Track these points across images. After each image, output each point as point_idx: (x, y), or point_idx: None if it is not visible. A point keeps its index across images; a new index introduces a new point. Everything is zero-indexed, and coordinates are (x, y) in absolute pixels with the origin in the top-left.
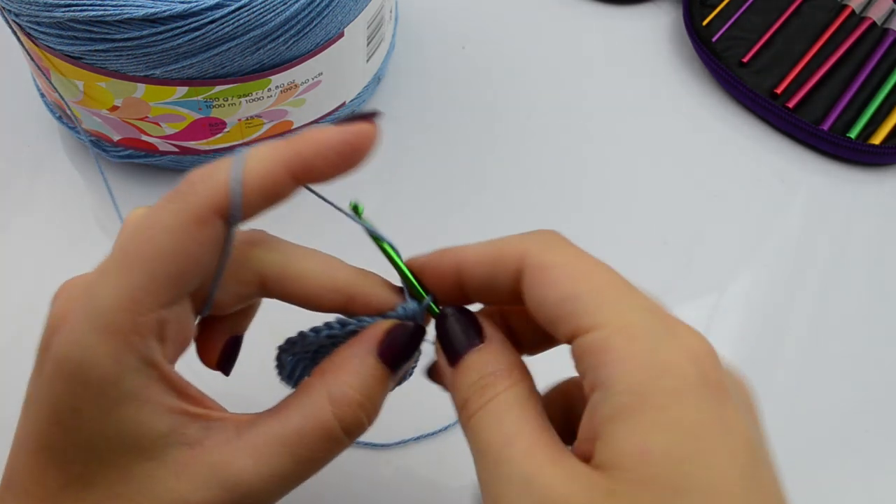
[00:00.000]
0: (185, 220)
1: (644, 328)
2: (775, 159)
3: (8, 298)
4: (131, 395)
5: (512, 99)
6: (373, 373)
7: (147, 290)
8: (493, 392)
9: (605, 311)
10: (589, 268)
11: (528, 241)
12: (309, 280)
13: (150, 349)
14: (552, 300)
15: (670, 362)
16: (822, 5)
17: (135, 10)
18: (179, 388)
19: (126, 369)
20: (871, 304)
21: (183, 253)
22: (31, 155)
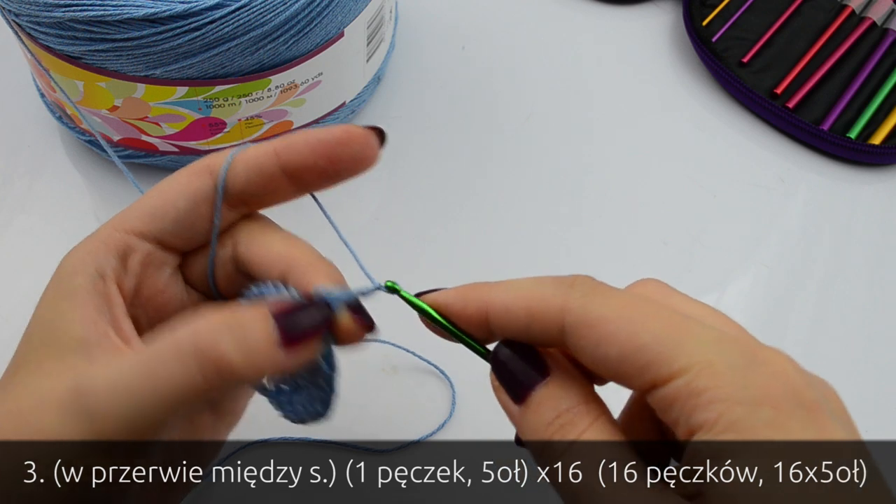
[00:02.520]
0: (183, 172)
1: (726, 363)
2: (775, 159)
3: (8, 298)
4: (72, 293)
5: (512, 99)
6: (258, 322)
7: (130, 214)
8: (576, 431)
9: (678, 357)
10: (641, 312)
11: (565, 291)
12: (266, 248)
13: (107, 262)
14: (615, 357)
15: (763, 392)
16: (822, 5)
17: (135, 10)
18: (115, 313)
19: (81, 268)
20: (871, 303)
21: (168, 193)
22: (31, 155)
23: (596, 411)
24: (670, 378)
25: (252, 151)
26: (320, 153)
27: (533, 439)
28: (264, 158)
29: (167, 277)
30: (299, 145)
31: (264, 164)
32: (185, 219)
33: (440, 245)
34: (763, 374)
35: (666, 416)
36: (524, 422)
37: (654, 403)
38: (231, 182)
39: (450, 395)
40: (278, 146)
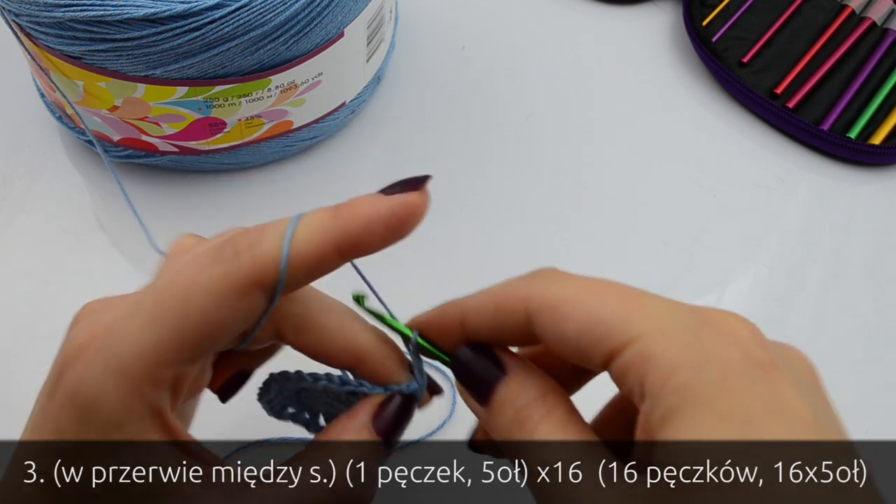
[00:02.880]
0: (225, 288)
1: (677, 326)
2: (775, 159)
3: (8, 298)
4: (133, 441)
5: (512, 99)
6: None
7: (172, 347)
8: (532, 425)
9: (631, 325)
10: (597, 290)
11: (528, 282)
12: (324, 336)
13: (160, 400)
14: (573, 334)
15: (711, 351)
16: (822, 5)
17: (135, 10)
18: (179, 440)
19: (133, 416)
20: (871, 303)
21: (217, 321)
22: (31, 155)
23: (552, 401)
24: (624, 346)
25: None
26: (383, 237)
27: (500, 439)
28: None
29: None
30: (367, 239)
31: (324, 266)
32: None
33: (440, 245)
34: (714, 336)
35: (623, 387)
36: (491, 423)
37: (613, 377)
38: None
39: (450, 394)
40: (340, 243)
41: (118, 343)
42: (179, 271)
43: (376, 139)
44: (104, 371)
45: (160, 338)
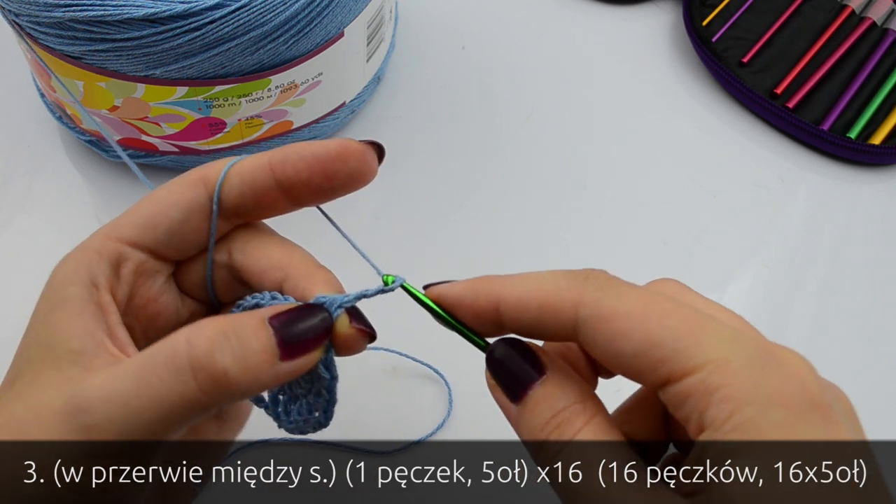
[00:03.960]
0: (177, 182)
1: (742, 361)
2: (775, 159)
3: (8, 298)
4: (66, 303)
5: (512, 99)
6: (256, 332)
7: (122, 223)
8: (573, 430)
9: (694, 354)
10: (658, 309)
11: (580, 285)
12: (261, 255)
13: (100, 271)
14: (630, 352)
15: (776, 392)
16: (822, 5)
17: (135, 10)
18: (110, 322)
19: (74, 278)
20: (871, 303)
21: (162, 202)
22: (31, 155)
23: (592, 409)
24: (685, 374)
25: (247, 164)
26: (316, 169)
27: (530, 439)
28: (259, 172)
29: (160, 286)
30: (294, 160)
31: (259, 179)
32: (178, 229)
33: (440, 245)
34: (778, 374)
35: (678, 412)
36: (521, 421)
37: (666, 399)
38: (225, 195)
39: (447, 394)
40: (273, 160)
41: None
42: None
43: (376, 139)
44: (75, 248)
45: (119, 219)
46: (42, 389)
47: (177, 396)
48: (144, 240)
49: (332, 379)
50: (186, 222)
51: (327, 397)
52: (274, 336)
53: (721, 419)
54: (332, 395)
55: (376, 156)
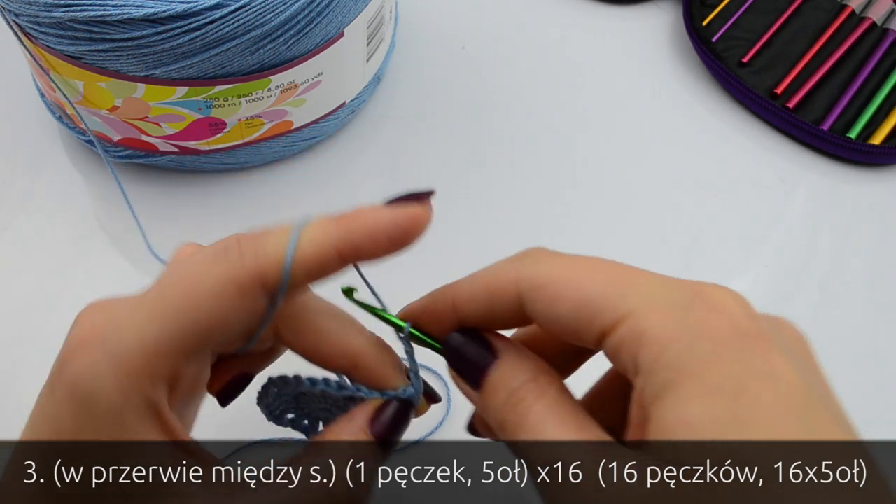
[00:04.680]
0: (227, 287)
1: (668, 301)
2: (775, 159)
3: (8, 298)
4: (130, 433)
5: (511, 98)
6: (367, 447)
7: (172, 341)
8: (525, 406)
9: (622, 302)
10: (587, 268)
11: (517, 263)
12: (321, 339)
13: (158, 394)
14: (566, 313)
15: (701, 325)
16: (822, 5)
17: (135, 10)
18: (176, 436)
19: (130, 408)
20: (871, 303)
21: (218, 318)
22: (31, 155)
23: (545, 382)
24: (617, 324)
25: (314, 257)
26: (387, 249)
27: (492, 422)
28: (329, 266)
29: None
30: (369, 246)
31: (328, 270)
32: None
33: (439, 245)
34: (704, 310)
35: (618, 364)
36: (484, 406)
37: (608, 355)
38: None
39: (446, 394)
40: (343, 249)
41: (119, 336)
42: (183, 270)
43: (376, 139)
44: (105, 363)
45: (161, 332)
46: None
47: None
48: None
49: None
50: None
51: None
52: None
53: (649, 361)
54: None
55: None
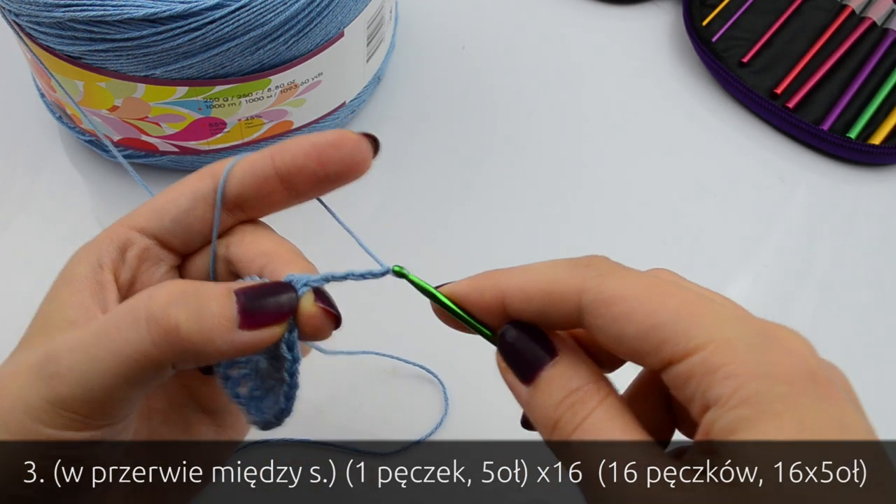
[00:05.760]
0: (189, 176)
1: (743, 340)
2: (775, 159)
3: (8, 298)
4: (72, 280)
5: (512, 98)
6: (218, 297)
7: (137, 212)
8: (588, 408)
9: (696, 334)
10: (659, 291)
11: (582, 272)
12: (246, 246)
13: (107, 253)
14: (632, 334)
15: (778, 368)
16: (822, 5)
17: (135, 10)
18: (106, 298)
19: (84, 259)
20: (871, 303)
21: (172, 192)
22: (31, 155)
23: (605, 389)
24: (687, 354)
25: (251, 156)
26: (311, 156)
27: (543, 418)
28: (260, 161)
29: (162, 274)
30: (292, 148)
31: (259, 167)
32: (183, 218)
33: (439, 245)
34: (779, 351)
35: (681, 393)
36: (533, 401)
37: (669, 381)
38: (229, 185)
39: (443, 394)
40: (273, 150)
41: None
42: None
43: (376, 139)
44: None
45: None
46: (29, 351)
47: (131, 347)
48: (152, 226)
49: (293, 361)
50: (192, 210)
51: (289, 381)
52: (236, 304)
53: (726, 396)
54: (293, 379)
55: (371, 147)
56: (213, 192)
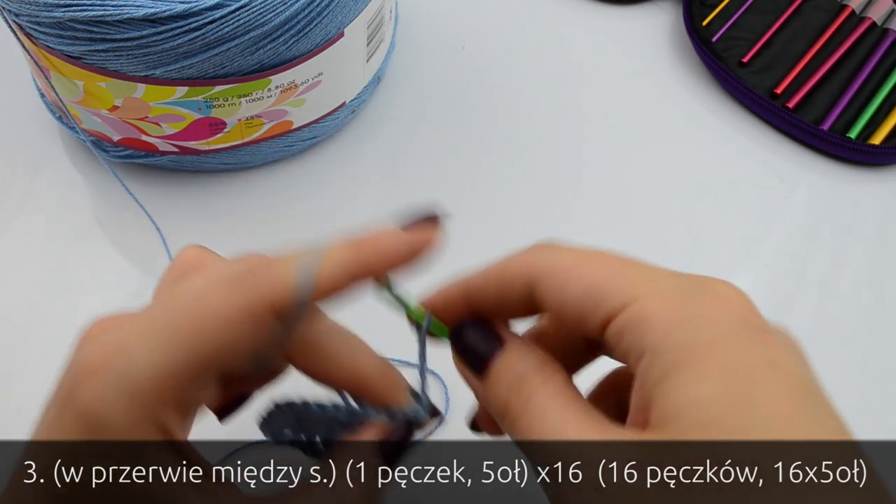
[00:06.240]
0: (241, 314)
1: (675, 290)
2: (775, 159)
3: (8, 298)
4: (142, 461)
5: (511, 98)
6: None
7: (184, 369)
8: (531, 388)
9: (631, 288)
10: (600, 258)
11: (531, 253)
12: (331, 360)
13: (169, 419)
14: (574, 297)
15: (708, 313)
16: (822, 5)
17: (135, 10)
18: (188, 459)
19: (141, 435)
20: (871, 303)
21: (230, 345)
22: (31, 155)
23: (550, 370)
24: (622, 308)
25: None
26: (399, 270)
27: (496, 407)
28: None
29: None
30: (381, 269)
31: (340, 295)
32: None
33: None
34: (710, 298)
35: (619, 349)
36: (488, 393)
37: (608, 340)
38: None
39: (444, 394)
40: (357, 274)
41: (130, 364)
42: (196, 294)
43: (376, 139)
44: (116, 391)
45: (173, 360)
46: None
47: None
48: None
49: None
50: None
51: None
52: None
53: (655, 343)
54: None
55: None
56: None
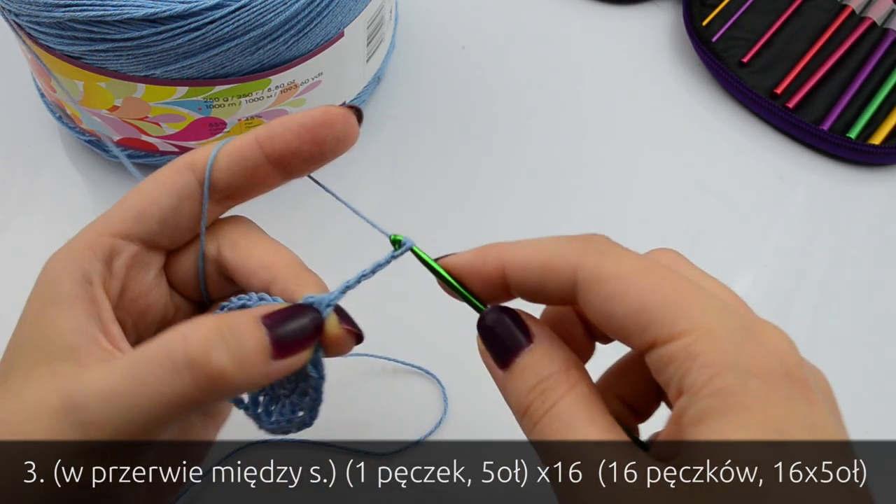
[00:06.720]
0: (164, 170)
1: (726, 330)
2: (775, 159)
3: (8, 298)
4: (60, 299)
5: (511, 98)
6: (250, 331)
7: (113, 217)
8: (556, 396)
9: (681, 320)
10: (653, 275)
11: (580, 248)
12: (249, 252)
13: (93, 267)
14: (622, 313)
15: (755, 363)
16: (822, 5)
17: (135, 10)
18: (103, 318)
19: (67, 274)
20: (871, 303)
21: (151, 192)
22: (31, 155)
23: (575, 377)
24: (671, 339)
25: (235, 144)
26: (304, 138)
27: (516, 403)
28: (248, 150)
29: (152, 279)
30: (281, 132)
31: (248, 156)
32: (169, 217)
33: (440, 245)
34: (759, 346)
35: (660, 376)
36: (508, 386)
37: (651, 363)
38: (216, 176)
39: (442, 394)
40: (260, 135)
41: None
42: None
43: (376, 139)
44: (66, 245)
45: (108, 214)
46: (36, 386)
47: (173, 393)
48: (137, 231)
49: (319, 378)
50: (178, 209)
51: (314, 396)
52: (267, 335)
53: (699, 384)
54: (318, 394)
55: (357, 118)
56: (198, 187)
